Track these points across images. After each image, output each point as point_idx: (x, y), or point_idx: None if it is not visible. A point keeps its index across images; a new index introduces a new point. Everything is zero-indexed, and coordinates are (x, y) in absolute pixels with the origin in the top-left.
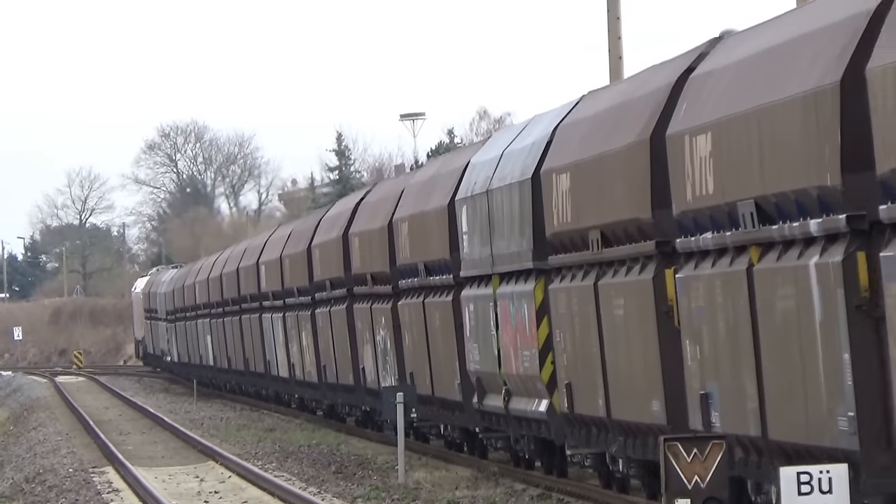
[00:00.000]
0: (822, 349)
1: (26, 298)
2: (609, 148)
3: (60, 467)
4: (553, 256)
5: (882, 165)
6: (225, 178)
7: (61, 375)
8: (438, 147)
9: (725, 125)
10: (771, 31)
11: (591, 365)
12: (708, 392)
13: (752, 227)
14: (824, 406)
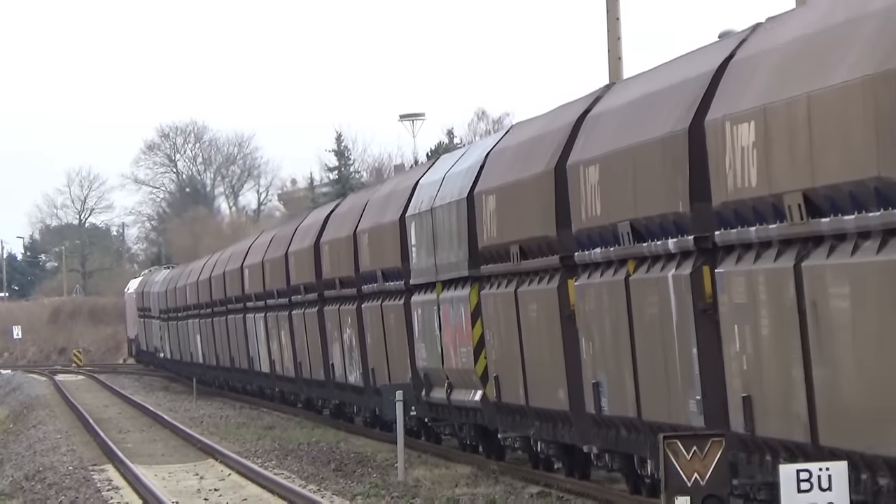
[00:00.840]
0: (677, 345)
1: (26, 297)
2: (525, 175)
3: (60, 465)
4: (484, 266)
5: (716, 199)
6: (224, 178)
7: (61, 374)
8: (438, 147)
9: (610, 159)
10: (647, 81)
11: (514, 360)
12: (599, 381)
13: (628, 243)
14: (680, 391)
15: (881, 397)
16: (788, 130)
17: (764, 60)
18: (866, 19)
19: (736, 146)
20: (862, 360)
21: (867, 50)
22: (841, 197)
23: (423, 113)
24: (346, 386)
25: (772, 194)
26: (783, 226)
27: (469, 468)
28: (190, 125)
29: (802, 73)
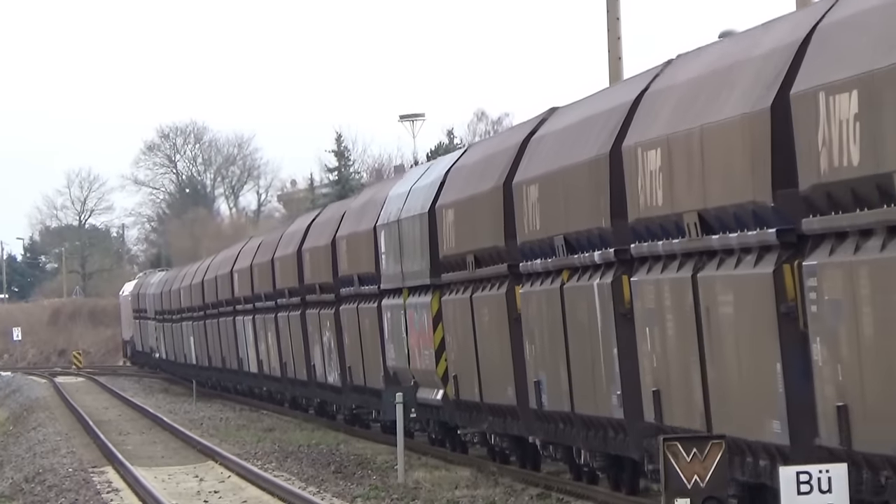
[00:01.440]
0: (602, 346)
1: (25, 299)
2: (479, 191)
3: (60, 467)
4: (445, 274)
5: (631, 216)
6: (224, 179)
7: (61, 376)
8: (438, 148)
9: (548, 179)
10: (582, 107)
11: (470, 361)
12: (539, 380)
13: (562, 255)
14: (604, 387)
15: (757, 392)
16: (686, 157)
17: (670, 94)
18: (748, 63)
19: (646, 170)
20: (742, 360)
21: (747, 90)
22: (727, 217)
23: (423, 113)
24: (326, 385)
25: (674, 213)
26: (683, 241)
27: (469, 470)
28: (190, 126)
29: (698, 108)
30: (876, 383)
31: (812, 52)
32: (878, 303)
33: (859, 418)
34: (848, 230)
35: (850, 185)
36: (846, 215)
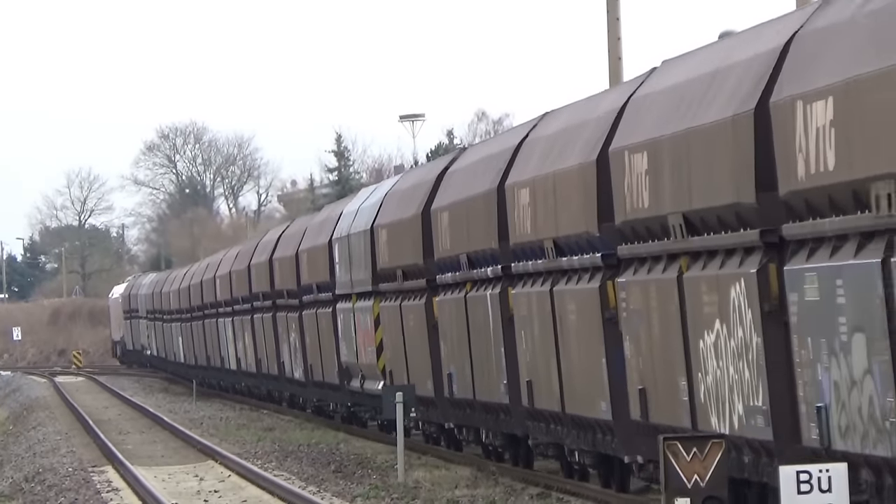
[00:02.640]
0: (493, 345)
1: (25, 299)
2: (405, 216)
3: (60, 466)
4: (382, 284)
5: (511, 239)
6: (224, 180)
7: (60, 375)
8: (438, 148)
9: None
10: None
11: (400, 357)
12: (451, 372)
13: (466, 270)
14: (495, 377)
15: (591, 380)
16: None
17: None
18: (582, 127)
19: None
20: (581, 355)
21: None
22: (578, 242)
23: (423, 114)
24: (293, 380)
25: (538, 239)
26: (541, 262)
27: (469, 470)
28: (189, 126)
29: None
30: (661, 372)
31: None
32: (661, 312)
33: (653, 398)
34: (646, 256)
35: (645, 223)
36: (642, 245)
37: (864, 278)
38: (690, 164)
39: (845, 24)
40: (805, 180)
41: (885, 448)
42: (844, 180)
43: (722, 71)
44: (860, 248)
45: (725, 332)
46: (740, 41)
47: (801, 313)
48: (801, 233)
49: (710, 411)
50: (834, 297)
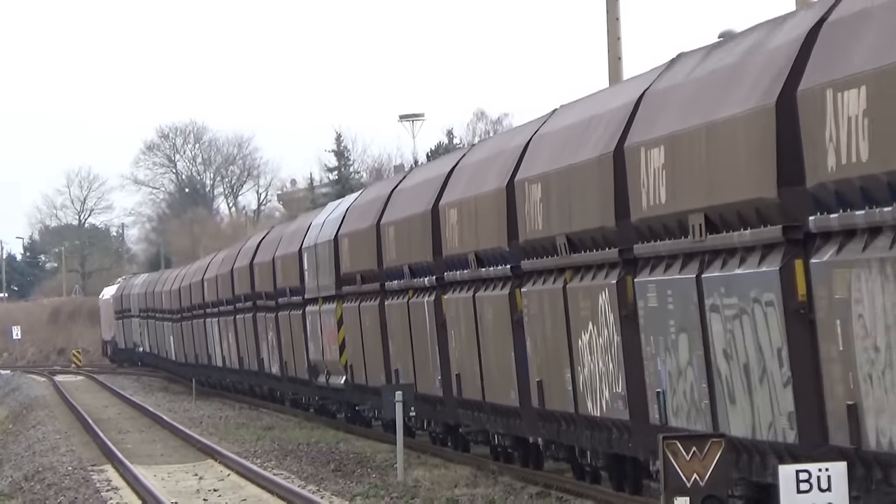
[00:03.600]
0: (428, 343)
1: (25, 298)
2: (362, 226)
3: (59, 465)
4: (345, 287)
5: (444, 252)
6: (224, 179)
7: (60, 374)
8: (438, 147)
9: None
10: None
11: (359, 353)
12: (397, 368)
13: (409, 279)
14: (431, 373)
15: (504, 373)
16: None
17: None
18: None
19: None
20: (497, 351)
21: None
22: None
23: (422, 113)
24: (271, 376)
25: (464, 250)
26: (467, 272)
27: (468, 469)
28: (189, 125)
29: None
30: (553, 366)
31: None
32: (552, 316)
33: (547, 389)
34: (542, 269)
35: (540, 242)
36: (539, 261)
37: (685, 290)
38: (571, 195)
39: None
40: (647, 210)
41: (702, 424)
42: (675, 211)
43: (580, 124)
44: (683, 266)
45: (596, 332)
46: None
47: (646, 317)
48: (645, 252)
49: (587, 398)
50: (666, 304)
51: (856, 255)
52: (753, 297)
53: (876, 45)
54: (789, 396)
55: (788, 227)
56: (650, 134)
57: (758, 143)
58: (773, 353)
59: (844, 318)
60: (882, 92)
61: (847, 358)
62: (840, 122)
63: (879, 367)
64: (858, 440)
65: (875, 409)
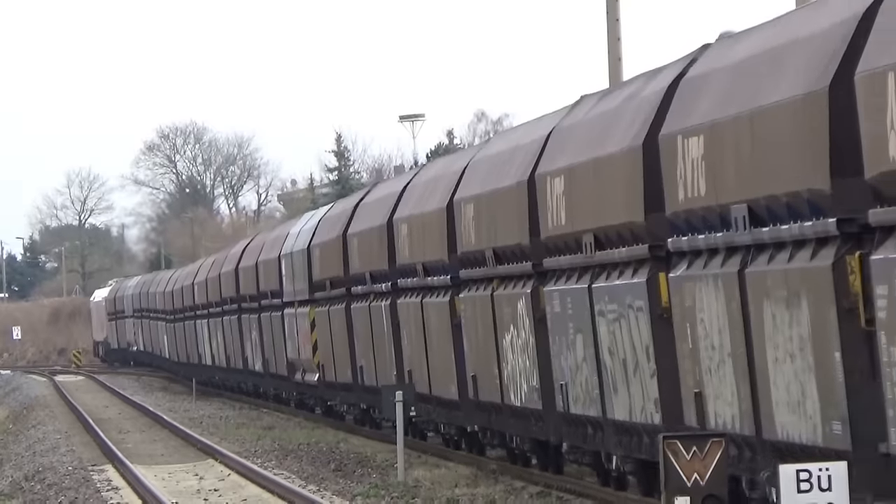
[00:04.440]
0: (386, 342)
1: (25, 298)
2: (329, 237)
3: (60, 465)
4: (317, 293)
5: (397, 261)
6: (224, 179)
7: (60, 374)
8: (438, 148)
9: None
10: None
11: (328, 353)
12: (361, 365)
13: (370, 284)
14: (387, 368)
15: (445, 368)
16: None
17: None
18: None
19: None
20: (439, 350)
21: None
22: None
23: (422, 114)
24: (254, 373)
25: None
26: (415, 280)
27: (469, 468)
28: (190, 126)
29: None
30: (484, 362)
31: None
32: (483, 319)
33: (480, 382)
34: (476, 278)
35: (472, 255)
36: (472, 270)
37: (580, 297)
38: (497, 214)
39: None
40: (552, 230)
41: (594, 410)
42: (572, 231)
43: (507, 152)
44: (579, 278)
45: (516, 333)
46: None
47: (552, 320)
48: (552, 265)
49: (511, 390)
50: (567, 310)
51: (699, 271)
52: (628, 304)
53: (711, 103)
54: (655, 385)
55: (654, 246)
56: (554, 165)
57: (630, 177)
58: (643, 350)
59: (692, 322)
60: (713, 141)
61: (694, 354)
62: (687, 163)
63: (715, 362)
64: (704, 421)
65: (713, 395)
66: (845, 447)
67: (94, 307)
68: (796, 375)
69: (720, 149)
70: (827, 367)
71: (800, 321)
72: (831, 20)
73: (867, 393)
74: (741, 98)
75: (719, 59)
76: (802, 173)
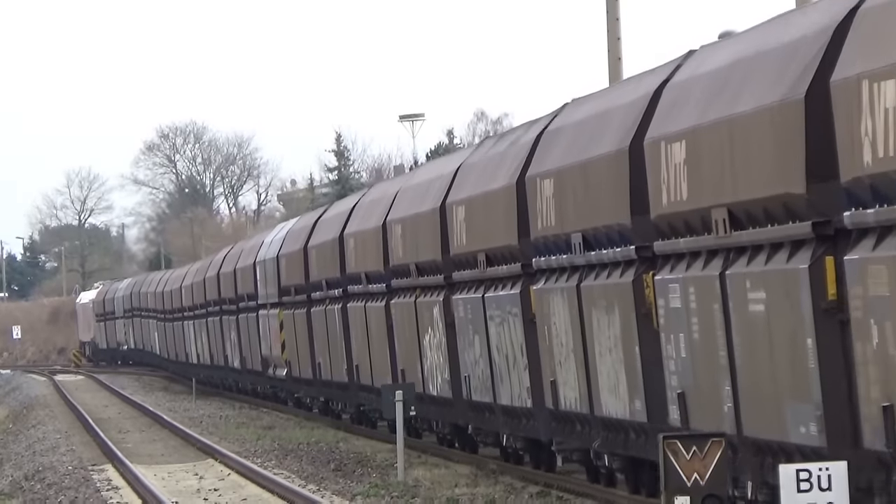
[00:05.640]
0: (340, 338)
1: (25, 298)
2: (293, 249)
3: (60, 465)
4: (284, 297)
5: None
6: (224, 179)
7: (60, 374)
8: (438, 148)
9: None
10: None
11: (293, 350)
12: (320, 362)
13: (325, 290)
14: (341, 364)
15: (382, 364)
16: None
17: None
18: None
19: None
20: (378, 349)
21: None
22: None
23: (422, 113)
24: (233, 369)
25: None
26: (362, 286)
27: (469, 468)
28: (189, 126)
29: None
30: (409, 358)
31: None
32: (408, 322)
33: (408, 375)
34: (404, 287)
35: (400, 267)
36: (400, 280)
37: (476, 305)
38: (418, 234)
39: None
40: (456, 248)
41: (489, 396)
42: (470, 251)
43: (424, 183)
44: (476, 289)
45: (433, 334)
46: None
47: (459, 323)
48: (458, 277)
49: (429, 382)
50: (468, 315)
51: (552, 285)
52: (508, 311)
53: (558, 157)
54: (527, 376)
55: (525, 265)
56: (458, 196)
57: (509, 208)
58: (519, 347)
59: (548, 325)
60: (561, 185)
61: (550, 350)
62: (542, 200)
63: (564, 356)
64: (557, 403)
65: (563, 382)
66: (643, 420)
67: (81, 309)
68: (612, 366)
69: (562, 190)
70: (631, 359)
71: (613, 324)
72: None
73: (656, 379)
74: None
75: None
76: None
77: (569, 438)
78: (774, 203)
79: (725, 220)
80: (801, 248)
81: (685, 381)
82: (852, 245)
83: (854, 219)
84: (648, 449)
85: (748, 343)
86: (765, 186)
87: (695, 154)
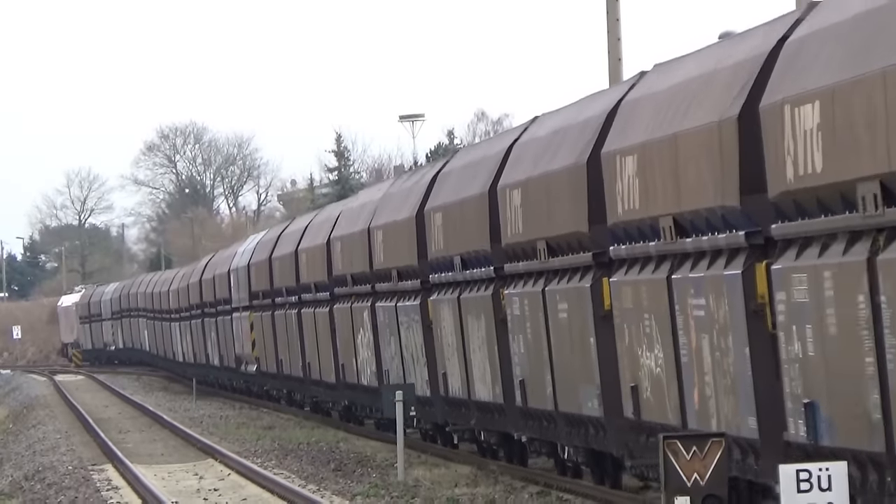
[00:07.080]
0: (293, 336)
1: (25, 298)
2: (260, 259)
3: (60, 465)
4: (255, 301)
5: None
6: (224, 179)
7: (60, 374)
8: (438, 148)
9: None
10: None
11: (261, 348)
12: (282, 359)
13: (285, 296)
14: (328, 364)
15: (326, 360)
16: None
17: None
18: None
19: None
20: (320, 346)
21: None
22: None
23: (422, 114)
24: (213, 366)
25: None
26: (347, 288)
27: (469, 468)
28: (189, 126)
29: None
30: (347, 355)
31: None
32: (345, 325)
33: (346, 369)
34: (345, 295)
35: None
36: (343, 289)
37: (391, 312)
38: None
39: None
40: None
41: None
42: (412, 264)
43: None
44: (390, 299)
45: (363, 334)
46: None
47: (380, 326)
48: (380, 290)
49: (362, 374)
50: (386, 320)
51: (443, 297)
52: (412, 318)
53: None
54: (426, 371)
55: (423, 281)
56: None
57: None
58: (419, 348)
59: (440, 328)
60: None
61: (441, 349)
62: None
63: (451, 352)
64: (447, 391)
65: (450, 373)
66: (500, 401)
67: (63, 311)
68: (483, 359)
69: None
70: (493, 353)
71: (481, 327)
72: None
73: (507, 371)
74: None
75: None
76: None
77: (458, 419)
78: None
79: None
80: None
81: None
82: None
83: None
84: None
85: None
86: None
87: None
